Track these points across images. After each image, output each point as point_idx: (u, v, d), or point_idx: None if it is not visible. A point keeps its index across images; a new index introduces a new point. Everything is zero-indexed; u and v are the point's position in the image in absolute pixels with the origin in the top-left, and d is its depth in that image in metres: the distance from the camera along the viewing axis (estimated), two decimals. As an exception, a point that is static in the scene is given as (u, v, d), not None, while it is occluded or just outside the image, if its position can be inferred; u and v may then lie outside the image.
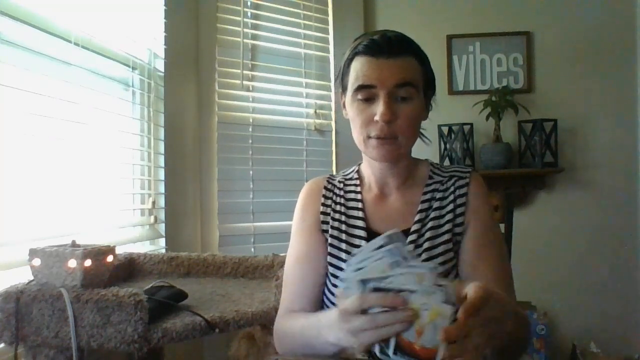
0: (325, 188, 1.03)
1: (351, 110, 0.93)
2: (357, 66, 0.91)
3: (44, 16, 1.31)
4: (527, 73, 2.50)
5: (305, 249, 0.99)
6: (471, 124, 2.40)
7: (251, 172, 2.16)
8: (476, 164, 2.44)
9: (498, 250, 0.95)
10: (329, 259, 0.97)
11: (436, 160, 1.38)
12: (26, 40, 1.27)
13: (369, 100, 0.89)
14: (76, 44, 1.40)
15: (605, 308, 2.46)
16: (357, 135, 0.94)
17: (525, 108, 2.36)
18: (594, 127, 2.49)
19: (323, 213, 1.00)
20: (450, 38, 2.52)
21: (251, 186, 2.16)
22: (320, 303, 0.98)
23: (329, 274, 0.97)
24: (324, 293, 0.98)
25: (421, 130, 1.00)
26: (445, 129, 2.42)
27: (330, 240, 0.97)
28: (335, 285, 0.95)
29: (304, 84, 2.33)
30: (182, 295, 1.14)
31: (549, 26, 2.51)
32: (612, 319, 2.45)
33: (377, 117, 0.88)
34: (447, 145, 2.43)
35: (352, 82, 0.92)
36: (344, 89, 0.96)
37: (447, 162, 2.44)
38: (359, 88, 0.89)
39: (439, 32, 2.51)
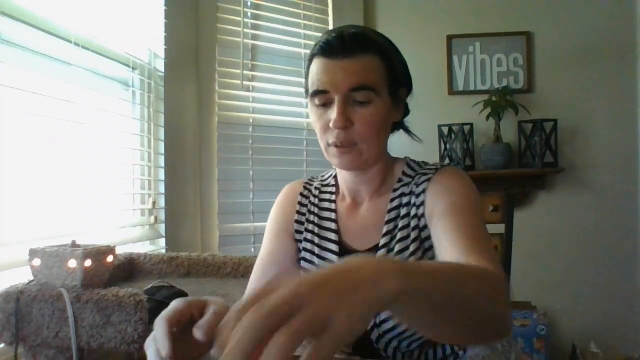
0: (301, 194, 0.97)
1: (311, 116, 0.87)
2: (313, 69, 0.84)
3: (44, 16, 1.31)
4: (527, 73, 2.50)
5: (271, 251, 0.94)
6: (471, 124, 2.40)
7: (251, 172, 2.16)
8: (476, 164, 2.44)
9: (463, 217, 0.77)
10: (304, 273, 0.91)
11: (436, 160, 1.37)
12: (26, 40, 1.27)
13: (326, 105, 0.83)
14: (76, 44, 1.40)
15: (605, 308, 2.46)
16: (319, 143, 0.87)
17: (525, 108, 2.36)
18: (594, 127, 2.49)
19: (297, 222, 0.95)
20: (450, 38, 2.52)
21: (251, 186, 2.16)
22: None
23: None
24: None
25: (409, 129, 0.95)
26: (445, 129, 2.42)
27: (302, 253, 0.93)
28: None
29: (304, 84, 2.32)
30: (182, 295, 1.14)
31: (549, 26, 2.50)
32: (612, 319, 2.45)
33: (331, 124, 0.81)
34: (447, 145, 2.43)
35: (309, 86, 0.86)
36: (306, 92, 0.89)
37: (447, 162, 2.44)
38: (314, 94, 0.83)
39: (439, 32, 2.51)
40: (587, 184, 2.50)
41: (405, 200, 0.86)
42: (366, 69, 0.81)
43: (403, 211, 0.86)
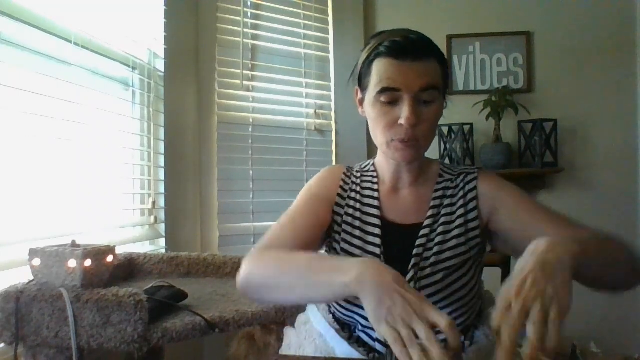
0: (345, 174, 1.06)
1: (372, 112, 0.93)
2: (380, 68, 0.90)
3: (44, 16, 1.31)
4: (527, 73, 2.50)
5: (305, 214, 0.98)
6: (471, 124, 2.40)
7: (251, 172, 2.16)
8: (476, 164, 2.44)
9: (538, 205, 0.95)
10: (342, 245, 0.98)
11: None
12: (26, 40, 1.26)
13: (392, 103, 0.90)
14: (76, 44, 1.40)
15: (606, 308, 2.45)
16: (378, 137, 0.95)
17: (525, 108, 2.36)
18: (594, 127, 2.49)
19: (340, 196, 1.02)
20: (450, 38, 2.52)
21: (251, 186, 2.16)
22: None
23: None
24: None
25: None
26: (445, 129, 2.42)
27: (343, 226, 1.00)
28: None
29: (304, 84, 2.33)
30: (182, 295, 1.14)
31: (549, 26, 2.51)
32: (612, 319, 2.45)
33: (401, 121, 0.88)
34: (447, 145, 2.43)
35: (374, 83, 0.91)
36: (363, 89, 0.96)
37: (447, 162, 2.44)
38: (383, 90, 0.89)
39: (439, 32, 2.51)
40: (587, 184, 2.50)
41: (449, 192, 1.00)
42: (433, 71, 0.90)
43: (447, 201, 0.99)
